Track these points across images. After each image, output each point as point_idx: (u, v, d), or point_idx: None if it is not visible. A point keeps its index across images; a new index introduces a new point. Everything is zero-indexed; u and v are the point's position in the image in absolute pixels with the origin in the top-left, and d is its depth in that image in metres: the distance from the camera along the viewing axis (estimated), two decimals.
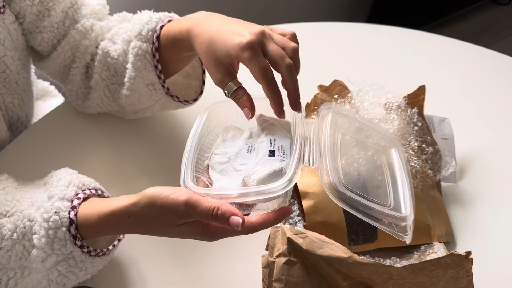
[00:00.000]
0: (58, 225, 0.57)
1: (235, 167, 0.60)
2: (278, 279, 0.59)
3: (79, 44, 0.77)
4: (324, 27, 1.10)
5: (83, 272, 0.60)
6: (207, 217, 0.53)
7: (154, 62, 0.71)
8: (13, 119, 0.83)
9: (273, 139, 0.60)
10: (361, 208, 0.54)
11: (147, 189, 0.55)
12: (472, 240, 0.72)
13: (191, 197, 0.53)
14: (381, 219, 0.54)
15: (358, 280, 0.58)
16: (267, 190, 0.54)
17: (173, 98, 0.75)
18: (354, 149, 0.65)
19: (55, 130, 0.85)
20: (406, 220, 0.55)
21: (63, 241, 0.57)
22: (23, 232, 0.58)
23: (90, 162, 0.80)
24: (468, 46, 1.04)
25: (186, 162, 0.59)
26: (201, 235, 0.55)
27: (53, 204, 0.58)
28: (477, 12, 2.40)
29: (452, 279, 0.56)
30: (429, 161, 0.74)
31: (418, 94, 0.76)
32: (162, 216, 0.54)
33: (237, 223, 0.52)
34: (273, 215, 0.55)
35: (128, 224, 0.56)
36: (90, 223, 0.58)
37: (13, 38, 0.74)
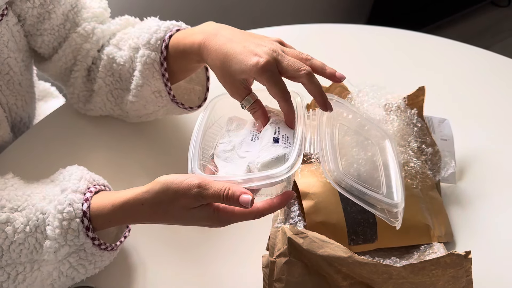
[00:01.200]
0: (72, 216, 0.58)
1: (239, 155, 0.62)
2: (278, 279, 0.60)
3: (80, 48, 0.78)
4: (324, 28, 1.10)
5: (92, 265, 0.62)
6: (219, 198, 0.55)
7: (162, 70, 0.72)
8: (16, 120, 0.84)
9: (277, 128, 0.62)
10: (357, 193, 0.58)
11: (159, 177, 0.57)
12: (472, 240, 0.72)
13: (204, 180, 0.56)
14: (375, 205, 0.58)
15: (358, 279, 0.58)
16: (271, 175, 0.56)
17: (178, 105, 0.76)
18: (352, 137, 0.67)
19: (57, 131, 0.86)
20: (397, 206, 0.59)
21: (76, 232, 0.59)
22: (35, 225, 0.59)
23: (92, 162, 0.81)
24: (467, 48, 1.05)
25: (193, 151, 0.61)
26: (211, 220, 0.57)
27: (66, 196, 0.60)
28: (477, 14, 2.41)
29: (452, 279, 0.56)
30: (429, 161, 0.74)
31: (417, 95, 0.76)
32: (176, 200, 0.56)
33: (247, 200, 0.54)
34: (277, 200, 0.58)
35: (142, 212, 0.58)
36: (103, 213, 0.60)
37: (16, 40, 0.75)
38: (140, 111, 0.78)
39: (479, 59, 1.03)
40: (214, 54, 0.64)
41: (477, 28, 2.35)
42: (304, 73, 0.61)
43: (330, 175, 0.58)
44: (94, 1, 0.80)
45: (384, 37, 1.07)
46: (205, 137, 0.65)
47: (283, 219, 0.67)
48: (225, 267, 0.70)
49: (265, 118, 0.64)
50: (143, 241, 0.72)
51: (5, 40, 0.72)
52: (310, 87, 0.61)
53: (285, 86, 0.62)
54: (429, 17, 2.24)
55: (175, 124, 0.87)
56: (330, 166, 0.58)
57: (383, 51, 1.04)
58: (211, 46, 0.65)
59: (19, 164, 0.80)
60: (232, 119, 0.68)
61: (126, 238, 0.67)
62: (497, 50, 1.04)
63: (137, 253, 0.71)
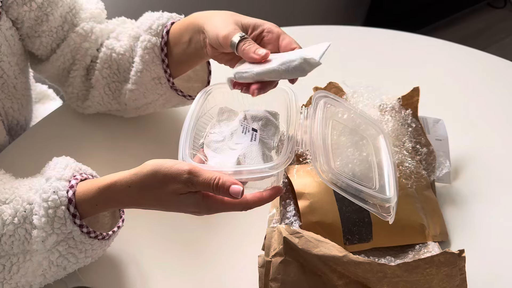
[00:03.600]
0: (57, 204, 0.58)
1: (230, 146, 0.63)
2: (274, 278, 0.60)
3: (79, 47, 0.78)
4: (320, 30, 1.11)
5: (82, 254, 0.61)
6: (208, 187, 0.54)
7: (162, 56, 0.73)
8: (13, 123, 0.84)
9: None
10: (349, 190, 0.58)
11: (148, 161, 0.57)
12: (466, 240, 0.72)
13: (194, 167, 0.55)
14: (368, 200, 0.58)
15: (353, 279, 0.59)
16: (260, 170, 0.57)
17: (177, 92, 0.76)
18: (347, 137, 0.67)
19: (53, 132, 0.86)
20: (390, 201, 0.59)
21: (63, 220, 0.58)
22: (23, 215, 0.59)
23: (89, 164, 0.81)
24: (462, 49, 1.05)
25: (184, 140, 0.61)
26: (200, 207, 0.57)
27: (51, 184, 0.59)
28: (473, 15, 2.42)
29: (446, 277, 0.56)
30: (423, 161, 0.75)
31: (412, 96, 0.77)
32: (165, 185, 0.55)
33: (237, 191, 0.54)
34: (266, 193, 0.58)
35: (129, 195, 0.57)
36: (89, 197, 0.59)
37: (10, 44, 0.75)
38: (139, 101, 0.79)
39: (474, 60, 1.03)
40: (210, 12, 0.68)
41: (474, 30, 2.35)
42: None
43: (321, 172, 0.59)
44: (90, 2, 0.81)
45: (379, 38, 1.08)
46: (196, 126, 0.65)
47: (279, 219, 0.67)
48: (221, 267, 0.71)
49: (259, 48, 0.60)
50: (140, 241, 0.72)
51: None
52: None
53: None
54: (425, 19, 2.25)
55: (173, 126, 0.88)
56: (321, 163, 0.59)
57: (378, 52, 1.04)
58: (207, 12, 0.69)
59: (15, 166, 0.80)
60: (223, 110, 0.68)
61: (120, 228, 0.66)
62: (493, 51, 1.04)
63: (134, 253, 0.71)
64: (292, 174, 0.71)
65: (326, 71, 0.95)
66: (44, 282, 0.63)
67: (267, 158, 0.62)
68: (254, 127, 0.65)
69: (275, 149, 0.65)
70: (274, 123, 0.66)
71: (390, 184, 0.62)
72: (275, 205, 0.70)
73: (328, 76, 0.81)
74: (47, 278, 0.63)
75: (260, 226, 0.70)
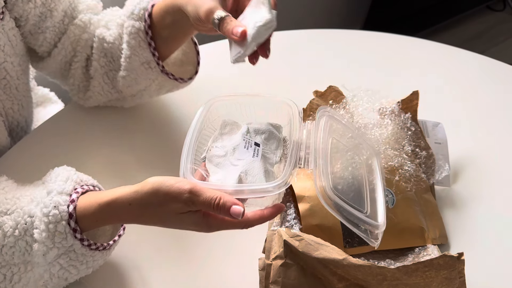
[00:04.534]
0: (58, 219, 0.58)
1: (232, 162, 0.62)
2: (274, 281, 0.60)
3: (79, 39, 0.80)
4: (320, 34, 1.11)
5: (84, 266, 0.61)
6: (209, 206, 0.54)
7: (148, 39, 0.74)
8: (13, 124, 0.84)
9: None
10: (344, 213, 0.58)
11: (149, 178, 0.57)
12: (466, 243, 0.73)
13: (195, 185, 0.55)
14: (359, 225, 0.58)
15: (353, 281, 0.59)
16: (261, 189, 0.57)
17: (168, 76, 0.77)
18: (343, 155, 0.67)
19: (56, 136, 0.86)
20: (379, 228, 0.58)
21: (64, 235, 0.58)
22: (24, 228, 0.59)
23: (91, 167, 0.81)
24: (461, 52, 1.06)
25: (186, 155, 0.60)
26: (200, 226, 0.57)
27: (52, 198, 0.59)
28: (472, 18, 2.42)
29: (445, 280, 0.57)
30: (423, 165, 0.75)
31: (411, 100, 0.77)
32: (165, 204, 0.55)
33: (238, 212, 0.54)
34: (267, 212, 0.58)
35: (129, 212, 0.57)
36: (90, 212, 0.59)
37: (12, 44, 0.75)
38: (132, 88, 0.80)
39: (474, 64, 1.04)
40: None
41: (473, 32, 2.36)
42: None
43: (321, 192, 0.58)
44: None
45: (378, 42, 1.09)
46: (199, 139, 0.65)
47: (279, 222, 0.68)
48: (222, 270, 0.71)
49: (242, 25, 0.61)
50: (142, 246, 0.73)
51: (1, 44, 0.73)
52: None
53: None
54: (424, 22, 2.25)
55: (174, 127, 0.88)
56: (322, 183, 0.58)
57: (377, 55, 1.05)
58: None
59: (18, 169, 0.81)
60: (226, 122, 0.68)
61: (121, 237, 0.66)
62: (492, 54, 1.05)
63: (136, 257, 0.72)
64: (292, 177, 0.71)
65: (326, 75, 0.96)
66: None
67: (269, 174, 0.61)
68: (256, 140, 0.64)
69: (277, 163, 0.64)
70: (277, 136, 0.66)
71: (380, 211, 0.61)
72: None
73: (328, 80, 0.81)
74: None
75: (260, 229, 0.70)
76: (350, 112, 0.75)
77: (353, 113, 0.75)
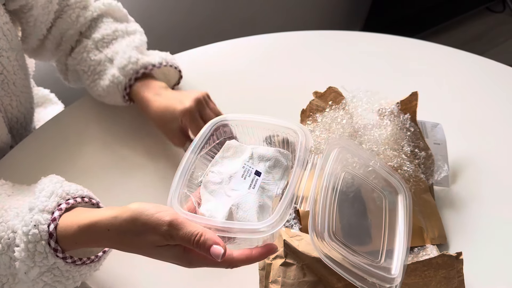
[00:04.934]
0: (37, 238, 0.55)
1: (226, 192, 0.58)
2: (274, 280, 0.61)
3: (65, 33, 0.85)
4: (319, 35, 1.12)
5: (70, 280, 0.59)
6: (188, 242, 0.51)
7: (124, 93, 0.83)
8: (13, 121, 0.84)
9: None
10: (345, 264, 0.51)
11: (132, 203, 0.53)
12: (464, 242, 0.73)
13: (176, 219, 0.51)
14: (366, 278, 0.50)
15: None
16: (251, 229, 0.52)
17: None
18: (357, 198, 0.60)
19: (56, 136, 0.87)
20: (393, 282, 0.50)
21: (44, 254, 0.55)
22: (7, 243, 0.57)
23: (91, 168, 0.82)
24: (460, 54, 1.06)
25: (177, 179, 0.56)
26: (180, 260, 0.53)
27: (32, 217, 0.56)
28: (472, 19, 2.43)
29: (444, 279, 0.57)
30: (422, 165, 0.76)
31: (410, 100, 0.77)
32: (143, 234, 0.52)
33: (218, 253, 0.50)
34: (256, 252, 0.53)
35: (107, 238, 0.54)
36: (70, 234, 0.56)
37: (8, 39, 0.75)
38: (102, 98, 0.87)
39: (473, 65, 1.04)
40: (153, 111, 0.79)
41: (472, 34, 2.37)
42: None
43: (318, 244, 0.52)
44: None
45: (377, 43, 1.09)
46: (199, 159, 0.60)
47: None
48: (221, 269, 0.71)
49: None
50: None
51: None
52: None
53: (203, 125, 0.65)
54: (424, 24, 2.26)
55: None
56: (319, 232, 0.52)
57: (377, 57, 1.05)
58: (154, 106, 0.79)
59: (18, 170, 0.81)
60: (229, 145, 0.62)
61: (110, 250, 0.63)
62: (492, 55, 1.05)
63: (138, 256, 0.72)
64: None
65: (326, 76, 0.96)
66: None
67: (264, 210, 0.56)
68: (259, 168, 0.60)
69: (278, 196, 0.58)
70: (284, 165, 0.61)
71: (398, 260, 0.52)
72: None
73: (327, 81, 0.81)
74: None
75: None
76: (349, 113, 0.75)
77: (352, 113, 0.75)
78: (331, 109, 0.77)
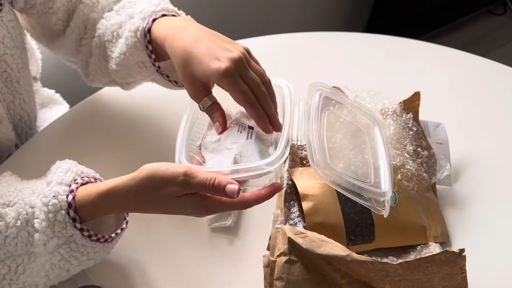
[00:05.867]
0: (57, 208, 0.58)
1: (226, 146, 0.63)
2: (279, 277, 0.61)
3: (88, 17, 0.79)
4: (323, 36, 1.13)
5: (85, 257, 0.62)
6: (204, 187, 0.55)
7: (145, 42, 0.72)
8: (16, 119, 0.85)
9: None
10: (344, 184, 0.59)
11: (144, 165, 0.57)
12: (467, 240, 0.74)
13: (190, 168, 0.56)
14: (362, 195, 0.59)
15: (356, 278, 0.60)
16: (257, 167, 0.58)
17: (163, 76, 0.76)
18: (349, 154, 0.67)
19: (61, 137, 0.87)
20: (384, 195, 0.59)
21: (63, 224, 0.58)
22: (26, 218, 0.60)
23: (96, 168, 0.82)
24: (463, 55, 1.07)
25: (180, 143, 0.62)
26: (198, 209, 0.57)
27: (51, 189, 0.60)
28: (473, 22, 2.43)
29: (447, 276, 0.58)
30: (424, 164, 0.76)
31: (413, 100, 0.78)
32: (161, 188, 0.56)
33: (233, 190, 0.55)
34: (265, 191, 0.58)
35: (127, 199, 0.58)
36: (89, 202, 0.59)
37: (12, 36, 0.76)
38: (126, 79, 0.80)
39: (475, 66, 1.05)
40: (176, 52, 0.65)
41: (474, 36, 2.37)
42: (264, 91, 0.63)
43: (316, 166, 0.59)
44: None
45: (380, 44, 1.10)
46: (193, 128, 0.65)
47: (283, 220, 0.69)
48: (227, 267, 0.72)
49: (223, 121, 0.64)
50: (147, 242, 0.74)
51: (1, 36, 0.73)
52: (265, 106, 0.63)
53: (248, 90, 0.61)
54: (426, 26, 2.26)
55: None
56: (316, 158, 0.59)
57: (380, 58, 1.06)
58: (175, 43, 0.65)
59: (24, 170, 0.81)
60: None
61: (124, 230, 0.66)
62: (493, 58, 1.06)
63: (141, 253, 0.73)
64: (296, 176, 0.72)
65: (329, 76, 0.97)
66: (48, 283, 0.64)
67: (265, 155, 0.62)
68: (250, 124, 0.65)
69: (273, 144, 0.65)
70: None
71: (385, 178, 0.62)
72: (279, 206, 0.71)
73: (330, 81, 0.82)
74: (51, 279, 0.63)
75: (265, 226, 0.71)
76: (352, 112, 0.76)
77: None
78: (334, 108, 0.77)
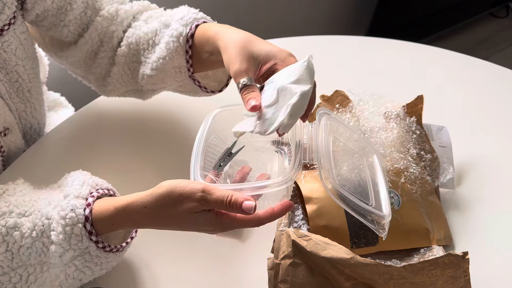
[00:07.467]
0: (75, 221, 0.60)
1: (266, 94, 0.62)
2: (283, 280, 0.61)
3: (106, 30, 0.80)
4: (326, 40, 1.13)
5: (98, 267, 0.63)
6: (222, 204, 0.56)
7: (186, 47, 0.74)
8: (26, 127, 0.86)
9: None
10: (351, 204, 0.61)
11: (163, 182, 0.58)
12: (470, 243, 0.74)
13: (207, 185, 0.57)
14: (366, 216, 0.61)
15: (360, 280, 0.60)
16: (268, 185, 0.59)
17: (194, 82, 0.77)
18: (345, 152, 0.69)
19: (68, 140, 0.88)
20: (385, 218, 0.61)
21: (80, 237, 0.60)
22: (41, 229, 0.61)
23: (102, 171, 0.83)
24: (465, 58, 1.07)
25: (194, 162, 0.63)
26: (213, 225, 0.58)
27: (69, 202, 0.61)
28: (476, 25, 2.44)
29: (450, 279, 0.58)
30: (428, 167, 0.77)
31: (416, 104, 0.78)
32: (180, 203, 0.57)
33: (250, 207, 0.56)
34: (277, 209, 0.59)
35: (144, 215, 0.59)
36: (105, 216, 0.61)
37: (24, 48, 0.77)
38: (156, 85, 0.80)
39: (477, 69, 1.05)
40: (237, 35, 0.67)
41: (476, 39, 2.38)
42: None
43: (328, 184, 0.61)
44: None
45: (383, 48, 1.10)
46: (206, 147, 0.66)
47: (288, 223, 0.69)
48: (232, 269, 0.72)
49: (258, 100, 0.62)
50: (153, 245, 0.74)
51: (13, 48, 0.74)
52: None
53: None
54: (428, 29, 2.27)
55: (183, 133, 0.90)
56: (327, 176, 0.61)
57: (383, 61, 1.06)
58: (232, 31, 0.69)
59: (31, 172, 0.82)
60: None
61: (133, 239, 0.68)
62: (496, 60, 1.06)
63: (148, 256, 0.73)
64: (300, 179, 0.73)
65: (332, 80, 0.97)
66: None
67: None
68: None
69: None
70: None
71: (385, 203, 0.64)
72: None
73: (334, 85, 0.83)
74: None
75: (269, 229, 0.71)
76: (356, 116, 0.77)
77: (359, 117, 0.76)
78: (338, 112, 0.78)
